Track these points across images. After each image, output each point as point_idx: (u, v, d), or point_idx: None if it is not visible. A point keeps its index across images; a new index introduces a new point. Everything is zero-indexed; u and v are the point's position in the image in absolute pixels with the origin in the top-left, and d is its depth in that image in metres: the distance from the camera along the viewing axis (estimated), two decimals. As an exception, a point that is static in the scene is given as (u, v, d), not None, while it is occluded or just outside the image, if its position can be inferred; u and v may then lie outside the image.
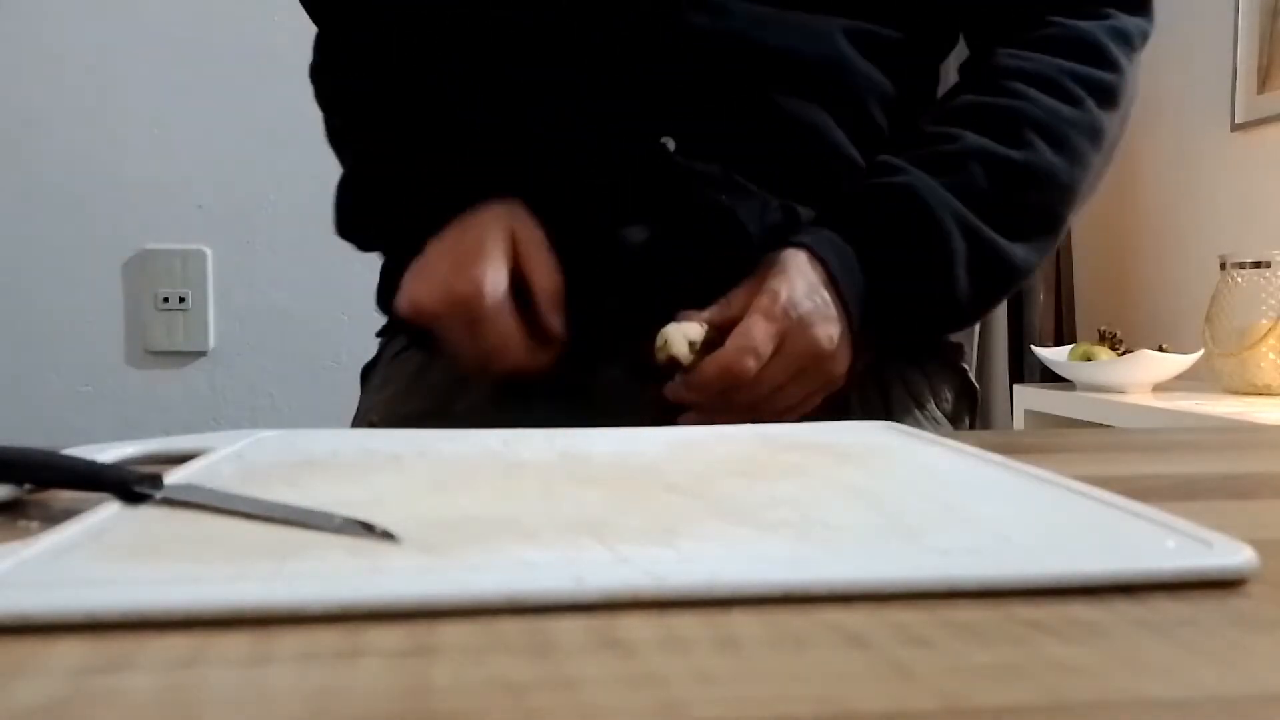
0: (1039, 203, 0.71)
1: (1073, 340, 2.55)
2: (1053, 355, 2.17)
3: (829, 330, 0.64)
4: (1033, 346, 2.34)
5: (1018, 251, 0.70)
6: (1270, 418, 1.58)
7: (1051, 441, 0.60)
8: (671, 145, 0.69)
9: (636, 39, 0.69)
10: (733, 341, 0.62)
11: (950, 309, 0.70)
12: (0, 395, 1.98)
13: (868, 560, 0.28)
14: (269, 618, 0.24)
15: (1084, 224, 2.71)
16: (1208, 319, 1.91)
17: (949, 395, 0.80)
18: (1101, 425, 1.88)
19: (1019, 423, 2.32)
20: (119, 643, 0.23)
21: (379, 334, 0.87)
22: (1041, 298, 2.67)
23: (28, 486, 0.38)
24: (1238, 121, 2.15)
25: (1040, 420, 2.24)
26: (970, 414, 0.82)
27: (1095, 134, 0.74)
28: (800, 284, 0.64)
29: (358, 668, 0.22)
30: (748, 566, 0.27)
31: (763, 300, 0.63)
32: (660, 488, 0.37)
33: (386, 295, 0.76)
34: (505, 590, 0.25)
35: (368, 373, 0.85)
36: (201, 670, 0.22)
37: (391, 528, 0.30)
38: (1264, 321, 1.79)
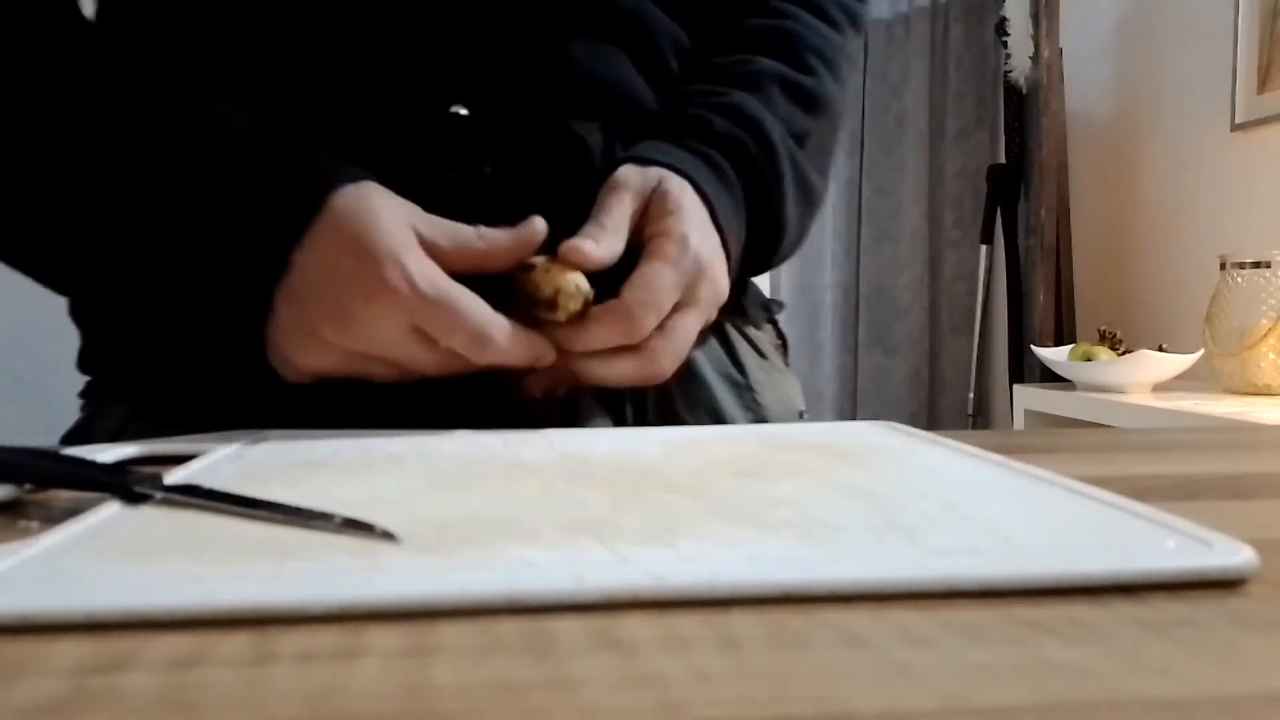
0: (822, 134, 0.69)
1: (1073, 340, 2.55)
2: (1053, 355, 2.17)
3: (723, 274, 0.60)
4: (1033, 346, 2.34)
5: (817, 177, 0.69)
6: (1270, 417, 1.58)
7: (1051, 441, 0.60)
8: (463, 112, 0.60)
9: None
10: (633, 293, 0.54)
11: (775, 239, 0.67)
12: (0, 395, 1.98)
13: (868, 560, 0.28)
14: (269, 618, 0.24)
15: (1084, 224, 2.71)
16: (1208, 319, 1.92)
17: (770, 345, 0.76)
18: (1101, 425, 1.88)
19: (1019, 422, 2.32)
20: (119, 643, 0.23)
21: (84, 395, 0.68)
22: (1042, 298, 2.68)
23: (28, 486, 0.38)
24: (1238, 121, 2.15)
25: (1040, 420, 2.24)
26: (785, 356, 0.78)
27: (852, 61, 0.73)
28: (698, 227, 0.58)
29: (358, 667, 0.22)
30: (748, 566, 0.27)
31: (669, 247, 0.56)
32: (660, 488, 0.38)
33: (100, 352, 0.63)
34: (505, 590, 0.25)
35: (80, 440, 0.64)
36: (201, 670, 0.22)
37: (391, 528, 0.30)
38: (1264, 321, 1.79)
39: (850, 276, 3.22)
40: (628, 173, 0.59)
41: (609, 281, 0.54)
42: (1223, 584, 0.27)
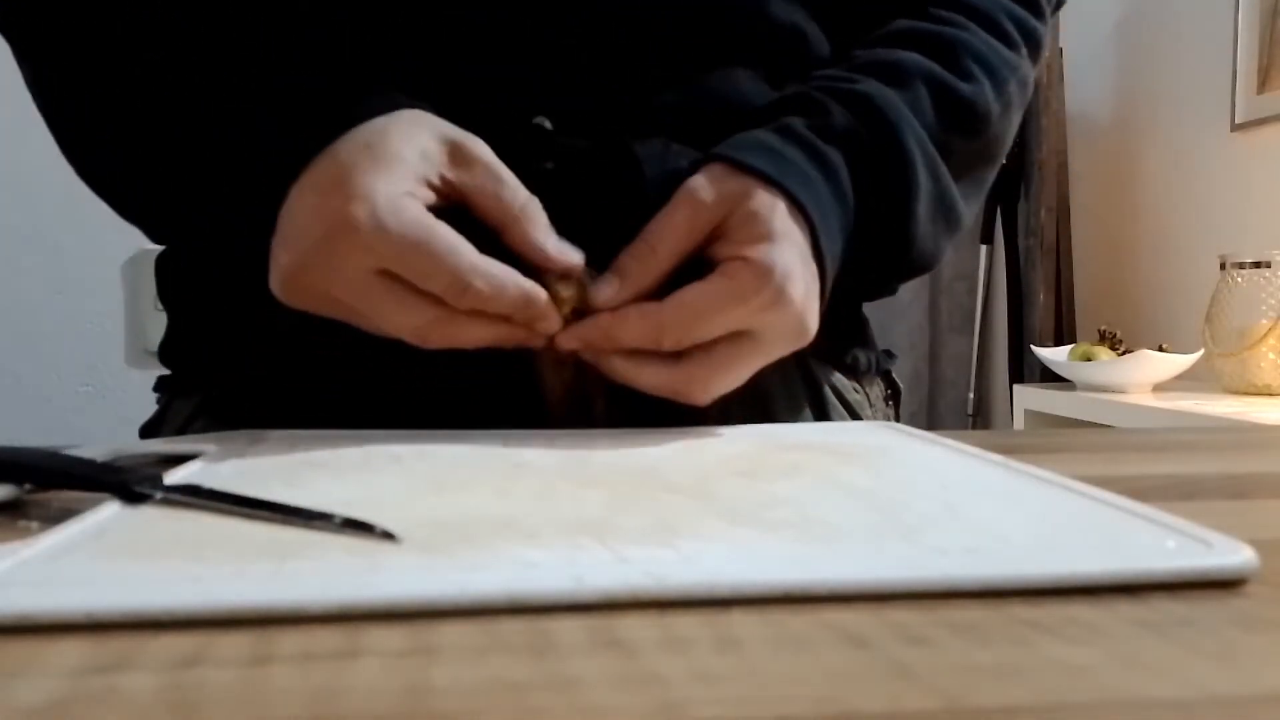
0: (976, 150, 0.61)
1: (1073, 340, 2.55)
2: (1053, 355, 2.17)
3: (812, 311, 0.52)
4: (1033, 346, 2.34)
5: (961, 201, 0.60)
6: (1270, 418, 1.58)
7: (1051, 441, 0.60)
8: (547, 125, 0.56)
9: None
10: (675, 299, 0.49)
11: (899, 261, 0.58)
12: (0, 395, 1.98)
13: (868, 560, 0.28)
14: (269, 617, 0.24)
15: (1084, 224, 2.71)
16: (1208, 319, 1.91)
17: (879, 399, 0.71)
18: (1101, 425, 1.88)
19: (1019, 423, 2.32)
20: (119, 643, 0.23)
21: (157, 389, 0.68)
22: (1042, 298, 2.68)
23: (27, 486, 0.38)
24: (1238, 121, 2.15)
25: (1040, 420, 2.24)
26: (896, 412, 0.73)
27: (1023, 85, 0.64)
28: (791, 254, 0.50)
29: (358, 667, 0.22)
30: (748, 566, 0.27)
31: (744, 274, 0.49)
32: (660, 488, 0.37)
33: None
34: (505, 590, 0.25)
35: (153, 433, 0.66)
36: (201, 670, 0.22)
37: (391, 528, 0.30)
38: (1264, 321, 1.79)
39: (850, 277, 3.21)
40: (700, 184, 0.51)
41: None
42: (1222, 584, 0.28)
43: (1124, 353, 2.00)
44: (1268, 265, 1.83)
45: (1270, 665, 0.23)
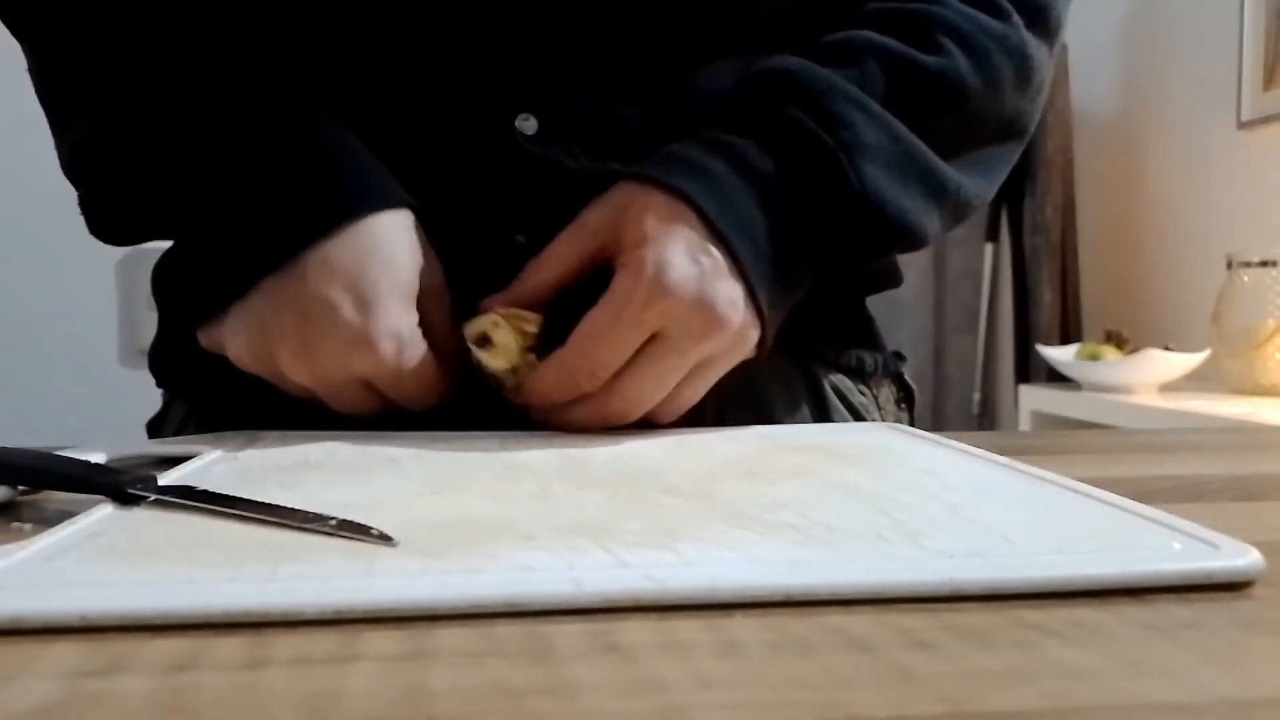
0: (962, 124, 0.58)
1: (1079, 340, 2.55)
2: (1059, 355, 2.17)
3: (720, 288, 0.50)
4: (1039, 347, 2.34)
5: (954, 174, 0.57)
6: (1277, 418, 1.57)
7: (1057, 443, 0.60)
8: (531, 126, 0.56)
9: None
10: (571, 343, 0.50)
11: (875, 226, 0.54)
12: (-4, 397, 1.99)
13: (870, 563, 0.28)
14: (264, 621, 0.24)
15: (1090, 223, 2.71)
16: (1214, 318, 1.91)
17: (889, 402, 0.70)
18: (1107, 426, 1.88)
19: (1024, 423, 2.32)
20: (113, 646, 0.23)
21: (163, 386, 0.68)
22: (1048, 297, 2.67)
23: (21, 488, 0.38)
24: (1244, 119, 2.15)
25: (1046, 421, 2.24)
26: (909, 415, 0.72)
27: (1020, 57, 0.60)
28: (674, 252, 0.49)
29: (354, 671, 0.22)
30: (749, 570, 0.27)
31: (618, 282, 0.49)
32: (660, 490, 0.37)
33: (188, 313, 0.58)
34: (503, 594, 0.25)
35: (156, 430, 0.68)
36: (196, 674, 0.21)
37: (388, 530, 0.30)
38: (1270, 321, 1.79)
39: (854, 276, 3.21)
40: (590, 208, 0.53)
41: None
42: (1229, 586, 0.27)
43: (1130, 352, 2.00)
44: (1274, 264, 1.82)
45: (1276, 668, 0.22)
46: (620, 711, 0.20)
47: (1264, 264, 1.84)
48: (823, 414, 0.63)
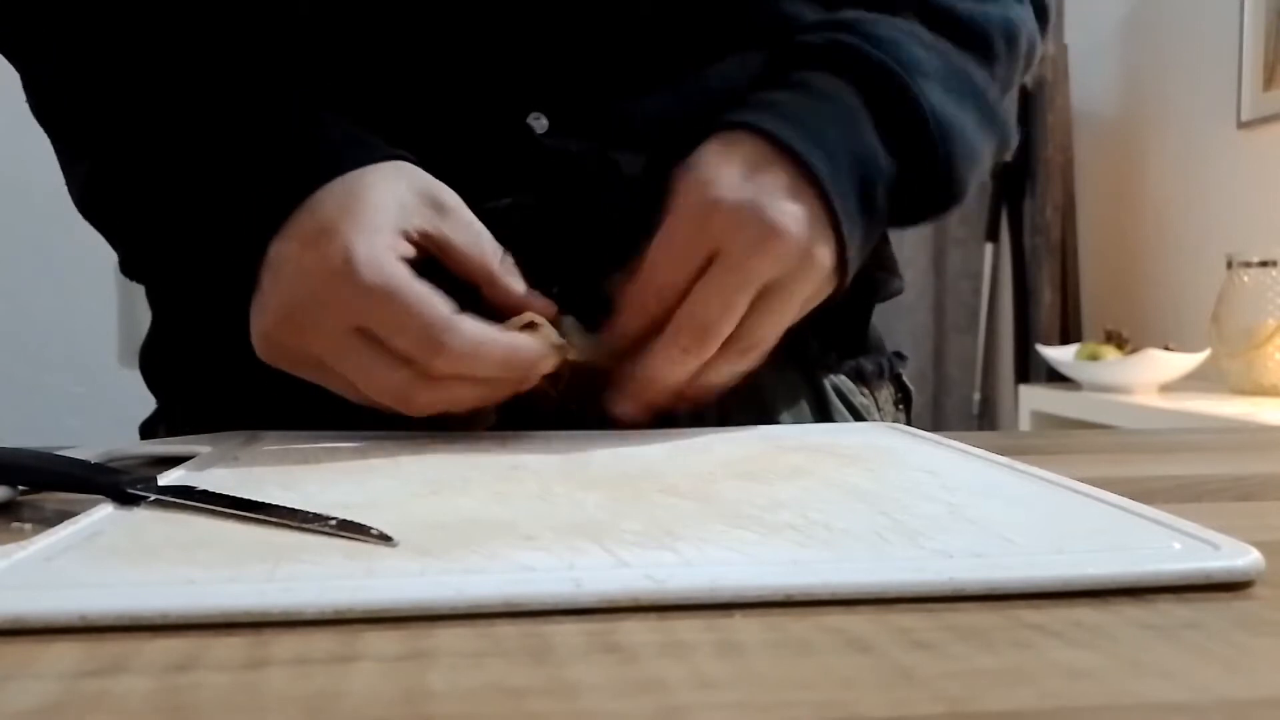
0: (978, 85, 0.58)
1: (1079, 340, 2.55)
2: (1059, 355, 2.17)
3: (784, 208, 0.48)
4: (1039, 347, 2.34)
5: (997, 104, 0.58)
6: (1277, 418, 1.57)
7: (1057, 443, 0.60)
8: (543, 124, 0.55)
9: None
10: (636, 275, 0.49)
11: (939, 146, 0.53)
12: (-5, 397, 1.99)
13: (871, 563, 0.28)
14: (264, 621, 0.24)
15: (1090, 223, 2.71)
16: (1214, 318, 1.91)
17: (888, 403, 0.70)
18: (1107, 426, 1.88)
19: (1024, 424, 2.32)
20: (113, 646, 0.23)
21: (154, 388, 0.66)
22: (1048, 297, 2.67)
23: (21, 488, 0.38)
24: (1244, 119, 2.14)
25: (1046, 421, 2.24)
26: (907, 416, 0.72)
27: (1031, 43, 0.63)
28: (726, 170, 0.49)
29: (354, 672, 0.22)
30: (749, 570, 0.27)
31: (673, 207, 0.49)
32: (660, 490, 0.37)
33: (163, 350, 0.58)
34: (503, 594, 0.25)
35: (149, 433, 0.67)
36: (196, 674, 0.21)
37: (388, 530, 0.30)
38: (1270, 321, 1.79)
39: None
40: (676, 184, 0.51)
41: None
42: (1229, 586, 0.27)
43: (1130, 352, 2.00)
44: (1274, 264, 1.82)
45: (1277, 668, 0.22)
46: (620, 711, 0.20)
47: (1264, 264, 1.84)
48: (824, 415, 0.63)
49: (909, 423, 0.71)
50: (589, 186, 0.55)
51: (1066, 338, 2.63)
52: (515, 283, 0.49)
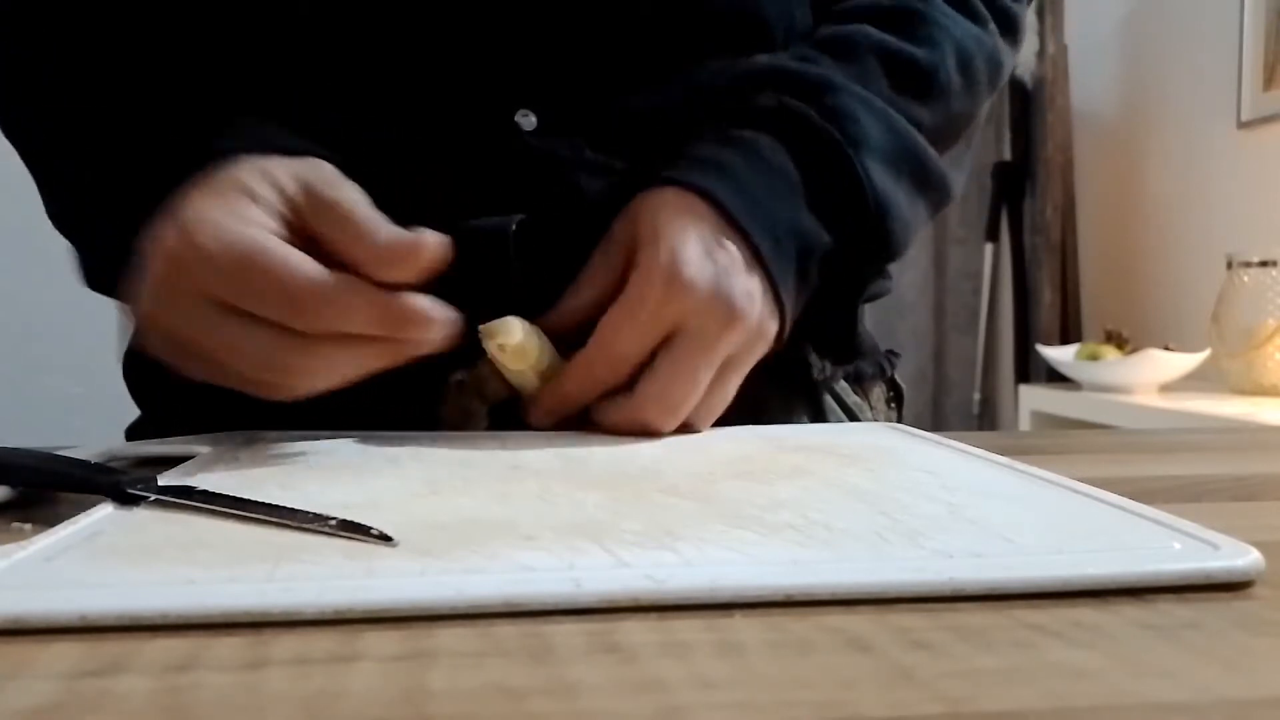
0: (944, 121, 0.59)
1: (1079, 340, 2.55)
2: (1059, 355, 2.17)
3: (745, 290, 0.50)
4: (1039, 347, 2.34)
5: (942, 165, 0.58)
6: (1277, 418, 1.57)
7: (1057, 443, 0.60)
8: (531, 122, 0.55)
9: None
10: (592, 341, 0.49)
11: (877, 228, 0.55)
12: (-7, 398, 1.99)
13: (871, 563, 0.28)
14: (264, 621, 0.24)
15: (1090, 223, 2.71)
16: (1214, 318, 1.91)
17: (880, 401, 0.70)
18: (1107, 426, 1.88)
19: (1024, 423, 2.32)
20: (113, 646, 0.23)
21: (134, 394, 0.66)
22: (1048, 296, 2.67)
23: (21, 489, 0.38)
24: (1244, 119, 2.15)
25: (1046, 421, 2.24)
26: (899, 414, 0.72)
27: (994, 64, 0.62)
28: (689, 246, 0.49)
29: (354, 672, 0.22)
30: (749, 570, 0.27)
31: (631, 288, 0.49)
32: (660, 490, 0.37)
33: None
34: (503, 594, 0.25)
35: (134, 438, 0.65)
36: (196, 674, 0.21)
37: (388, 530, 0.30)
38: (1270, 321, 1.79)
39: (855, 276, 3.20)
40: (614, 225, 0.53)
41: None
42: (1229, 586, 0.27)
43: (1130, 352, 2.00)
44: (1274, 264, 1.83)
45: (1277, 668, 0.22)
46: (620, 711, 0.20)
47: (1264, 264, 1.84)
48: (818, 415, 0.63)
49: (900, 419, 0.71)
50: (576, 196, 0.55)
51: (1066, 338, 2.63)
52: (398, 270, 0.43)
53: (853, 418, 0.65)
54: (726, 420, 0.56)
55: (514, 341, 0.49)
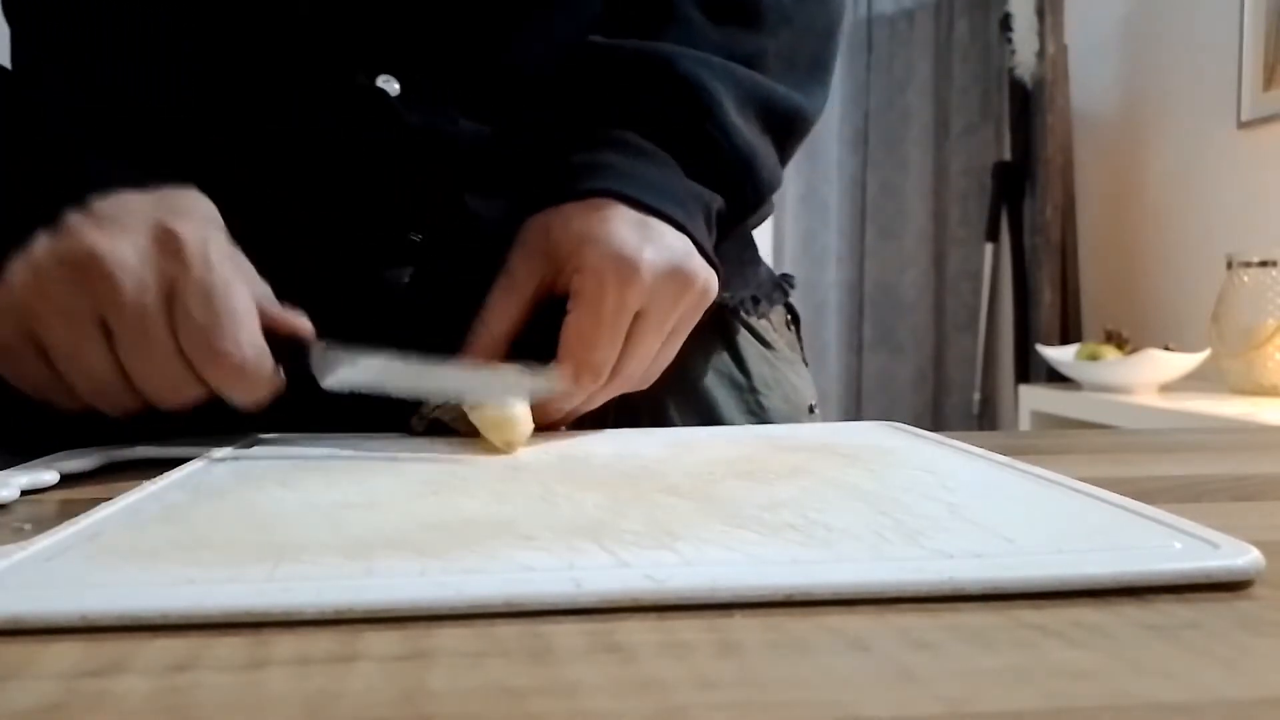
0: (781, 48, 0.61)
1: (1079, 339, 2.55)
2: (1059, 355, 2.17)
3: (685, 251, 0.52)
4: (1039, 347, 2.34)
5: (786, 97, 0.60)
6: (1277, 418, 1.57)
7: (1057, 442, 0.60)
8: (395, 88, 0.55)
9: None
10: (565, 353, 0.50)
11: (742, 181, 0.58)
12: None
13: (871, 563, 0.28)
14: (264, 621, 0.24)
15: (1090, 222, 2.71)
16: (1214, 318, 1.91)
17: (781, 325, 0.71)
18: (1107, 426, 1.88)
19: (1024, 423, 2.32)
20: (113, 646, 0.23)
21: None
22: (1048, 297, 2.67)
23: (21, 490, 0.38)
24: (1244, 119, 2.15)
25: (1046, 421, 2.24)
26: (797, 333, 0.73)
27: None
28: (621, 234, 0.50)
29: (354, 672, 0.22)
30: (749, 569, 0.27)
31: (581, 285, 0.50)
32: (660, 490, 0.37)
33: None
34: (503, 594, 0.25)
35: None
36: (196, 674, 0.21)
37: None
38: (1270, 321, 1.79)
39: (854, 275, 3.22)
40: (512, 259, 0.53)
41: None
42: (1229, 586, 0.27)
43: (1130, 352, 2.00)
44: (1274, 264, 1.83)
45: (1277, 668, 0.22)
46: (620, 711, 0.20)
47: (1264, 264, 1.84)
48: (731, 346, 0.65)
49: (799, 339, 0.73)
50: (466, 217, 0.55)
51: (1066, 338, 2.63)
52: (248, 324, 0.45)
53: (759, 339, 0.67)
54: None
55: (518, 431, 0.47)
